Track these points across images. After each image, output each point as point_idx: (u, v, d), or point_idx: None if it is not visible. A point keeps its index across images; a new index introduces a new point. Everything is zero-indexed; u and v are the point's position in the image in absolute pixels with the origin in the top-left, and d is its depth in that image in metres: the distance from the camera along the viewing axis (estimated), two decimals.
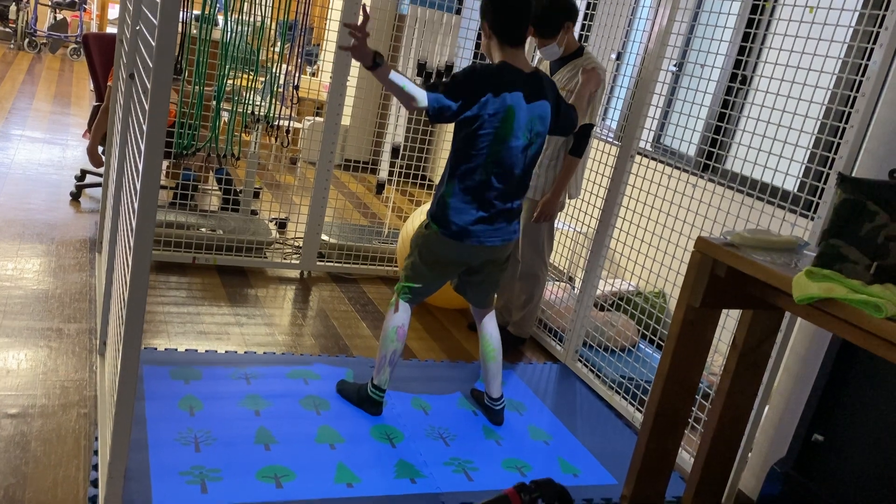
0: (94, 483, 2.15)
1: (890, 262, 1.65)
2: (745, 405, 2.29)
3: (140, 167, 1.71)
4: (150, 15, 2.01)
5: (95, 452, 2.29)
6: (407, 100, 2.46)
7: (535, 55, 3.69)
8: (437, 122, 2.56)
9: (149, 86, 1.67)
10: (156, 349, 3.00)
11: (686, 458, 2.88)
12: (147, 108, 1.65)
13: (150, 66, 1.68)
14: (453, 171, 2.64)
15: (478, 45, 6.31)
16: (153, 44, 1.66)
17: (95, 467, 2.22)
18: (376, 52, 2.42)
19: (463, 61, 6.76)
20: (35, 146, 5.61)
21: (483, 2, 2.62)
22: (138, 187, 1.71)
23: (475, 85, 2.52)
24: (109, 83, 4.42)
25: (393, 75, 2.43)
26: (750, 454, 2.70)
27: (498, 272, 2.87)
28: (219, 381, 2.84)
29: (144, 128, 1.69)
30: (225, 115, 4.07)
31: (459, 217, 2.64)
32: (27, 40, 10.19)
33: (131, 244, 1.76)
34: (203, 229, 4.11)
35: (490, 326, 2.94)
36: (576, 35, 3.50)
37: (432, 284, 2.81)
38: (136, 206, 1.74)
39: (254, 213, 4.70)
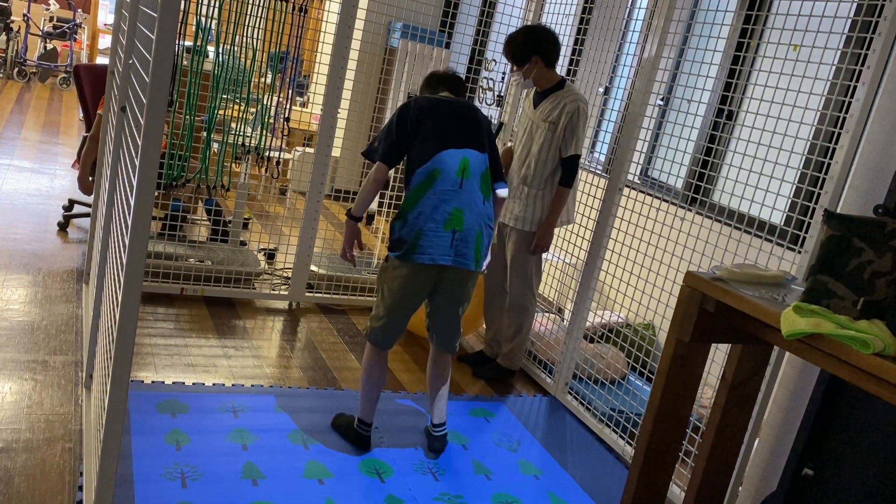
0: None
1: (877, 298, 1.67)
2: (736, 439, 2.29)
3: (132, 201, 1.71)
4: (143, 50, 2.03)
5: (80, 488, 2.25)
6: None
7: (509, 87, 3.74)
8: None
9: (142, 121, 1.67)
10: (142, 382, 2.97)
11: (677, 492, 2.87)
12: (140, 143, 1.66)
13: (144, 101, 1.69)
14: None
15: (467, 79, 6.37)
16: (147, 79, 1.67)
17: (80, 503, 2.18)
18: (353, 218, 2.77)
19: None
20: (23, 175, 5.59)
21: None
22: (129, 221, 1.71)
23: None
24: (99, 111, 4.43)
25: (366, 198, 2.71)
26: (740, 488, 2.69)
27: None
28: (206, 415, 2.81)
29: (136, 162, 1.70)
30: (215, 146, 4.08)
31: None
32: (17, 69, 10.21)
33: (121, 279, 1.75)
34: (192, 260, 4.09)
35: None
36: (563, 70, 3.56)
37: None
38: (126, 240, 1.74)
39: (243, 243, 4.70)
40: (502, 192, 2.84)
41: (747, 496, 2.66)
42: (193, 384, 3.03)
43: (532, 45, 3.37)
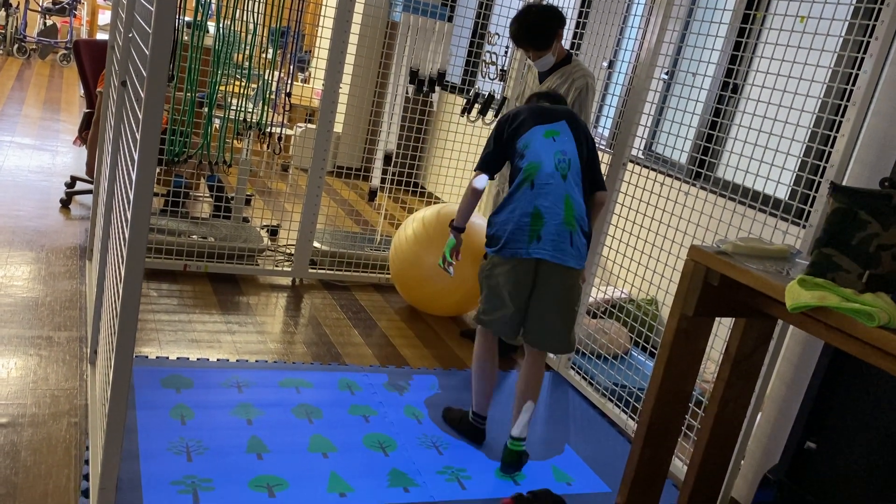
0: (86, 493, 2.13)
1: (882, 271, 1.66)
2: (738, 413, 2.29)
3: (133, 176, 1.70)
4: (143, 23, 2.01)
5: (86, 462, 2.27)
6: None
7: (522, 70, 3.70)
8: None
9: (142, 94, 1.66)
10: (147, 357, 2.99)
11: (679, 466, 2.89)
12: (141, 117, 1.64)
13: (144, 74, 1.67)
14: None
15: (470, 53, 6.32)
16: (147, 52, 1.65)
17: (86, 477, 2.20)
18: (456, 229, 2.81)
19: (455, 68, 6.77)
20: (24, 152, 5.58)
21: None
22: (131, 197, 1.70)
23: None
24: (100, 89, 4.41)
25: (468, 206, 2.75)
26: (743, 462, 2.71)
27: None
28: (210, 390, 2.83)
29: (138, 136, 1.69)
30: (216, 122, 4.06)
31: None
32: (16, 46, 10.14)
33: (124, 254, 1.75)
34: (194, 236, 4.09)
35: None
36: (566, 44, 3.52)
37: None
38: (128, 215, 1.74)
39: (245, 220, 4.69)
40: (601, 195, 2.75)
41: (749, 470, 2.68)
42: (198, 360, 3.05)
43: (554, 22, 3.24)
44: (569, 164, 2.60)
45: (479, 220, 3.87)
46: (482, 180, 2.71)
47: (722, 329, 2.93)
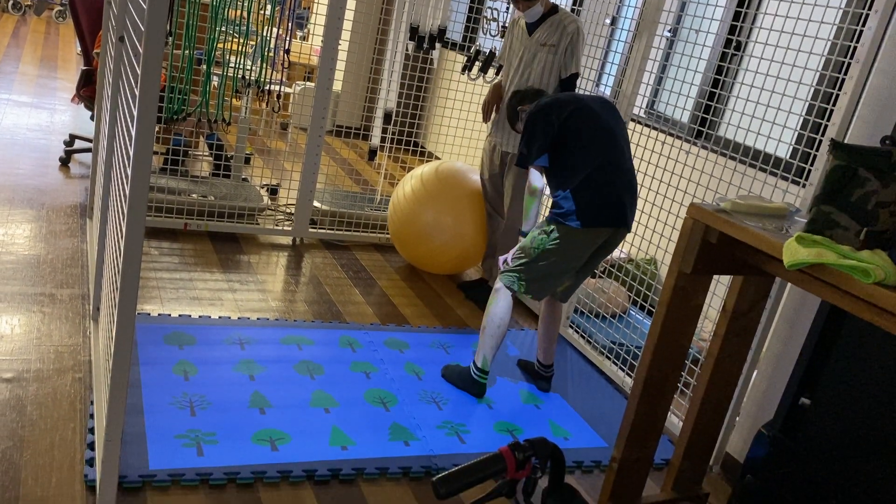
0: (91, 446, 2.17)
1: (880, 229, 1.66)
2: (734, 370, 2.32)
3: (133, 133, 1.70)
4: None
5: (91, 416, 2.30)
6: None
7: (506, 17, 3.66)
8: None
9: (141, 50, 1.65)
10: (149, 314, 3.01)
11: (675, 421, 2.93)
12: (139, 73, 1.63)
13: (142, 29, 1.66)
14: None
15: (471, 9, 6.23)
16: (144, 7, 1.64)
17: (92, 430, 2.24)
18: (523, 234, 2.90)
19: (456, 25, 6.68)
20: (22, 110, 5.54)
21: None
22: (131, 153, 1.70)
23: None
24: (97, 50, 4.36)
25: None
26: (738, 418, 2.75)
27: None
28: (213, 347, 2.86)
29: (136, 92, 1.68)
30: (215, 80, 4.02)
31: None
32: (11, 2, 10.00)
33: (125, 211, 1.76)
34: (194, 195, 4.09)
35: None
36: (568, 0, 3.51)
37: None
38: (129, 172, 1.74)
39: (245, 179, 4.68)
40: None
41: (744, 425, 2.72)
42: (200, 317, 3.07)
43: None
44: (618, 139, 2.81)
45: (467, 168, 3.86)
46: (540, 179, 2.83)
47: (720, 288, 2.95)
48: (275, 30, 4.05)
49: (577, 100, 2.82)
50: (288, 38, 4.17)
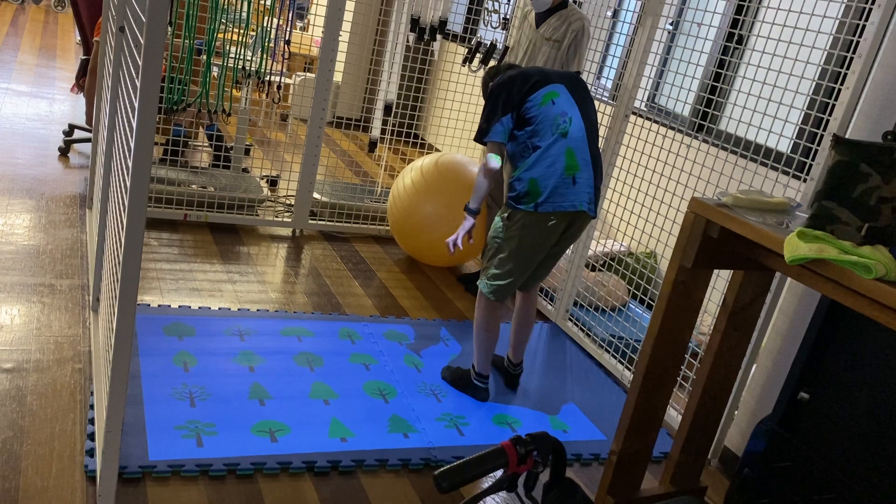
0: (91, 436, 2.18)
1: (881, 224, 1.66)
2: (734, 364, 2.32)
3: (134, 124, 1.69)
4: None
5: (91, 407, 2.31)
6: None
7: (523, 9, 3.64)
8: None
9: (142, 40, 1.64)
10: (149, 305, 3.01)
11: (674, 415, 2.94)
12: (140, 63, 1.63)
13: (143, 19, 1.65)
14: None
15: (472, 1, 6.21)
16: None
17: (92, 421, 2.24)
18: (471, 211, 2.75)
19: (457, 16, 6.66)
20: (21, 100, 5.52)
21: None
22: (132, 144, 1.70)
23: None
24: (96, 38, 4.34)
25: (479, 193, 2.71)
26: (736, 412, 2.75)
27: None
28: (213, 338, 2.86)
29: (138, 83, 1.67)
30: (215, 70, 4.01)
31: None
32: None
33: (125, 202, 1.75)
34: (194, 186, 4.08)
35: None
36: None
37: None
38: (129, 163, 1.73)
39: (245, 170, 4.67)
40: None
41: (743, 419, 2.73)
42: (199, 308, 3.07)
43: None
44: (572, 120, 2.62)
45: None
46: (496, 159, 2.62)
47: (720, 282, 2.95)
48: (275, 20, 4.03)
49: (542, 73, 2.65)
50: (288, 29, 4.15)
